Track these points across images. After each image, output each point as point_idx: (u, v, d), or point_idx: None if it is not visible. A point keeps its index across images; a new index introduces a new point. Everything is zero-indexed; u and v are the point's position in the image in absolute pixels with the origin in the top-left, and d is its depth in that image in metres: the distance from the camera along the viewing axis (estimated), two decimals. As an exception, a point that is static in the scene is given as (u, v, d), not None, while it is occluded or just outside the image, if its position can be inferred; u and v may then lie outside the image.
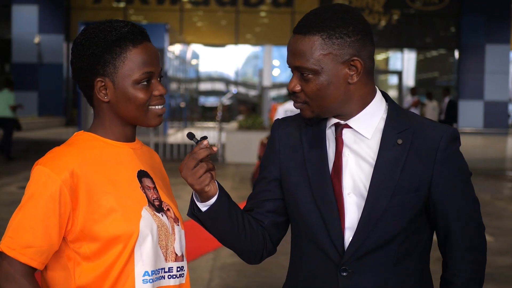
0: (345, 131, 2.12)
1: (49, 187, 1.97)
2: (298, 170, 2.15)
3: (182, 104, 26.70)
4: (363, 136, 2.11)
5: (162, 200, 2.15)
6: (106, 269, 2.01)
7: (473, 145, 21.67)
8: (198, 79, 32.32)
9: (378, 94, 2.16)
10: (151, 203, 2.10)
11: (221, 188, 2.09)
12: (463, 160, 2.14)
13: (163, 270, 2.10)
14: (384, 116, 2.13)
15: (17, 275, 1.96)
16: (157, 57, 2.12)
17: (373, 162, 2.08)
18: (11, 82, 16.77)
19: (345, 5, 2.12)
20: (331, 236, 2.08)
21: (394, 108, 2.15)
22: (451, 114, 18.06)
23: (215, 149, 2.01)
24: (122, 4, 29.25)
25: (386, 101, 2.17)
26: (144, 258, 2.04)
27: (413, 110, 19.48)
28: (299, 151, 2.16)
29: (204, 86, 32.84)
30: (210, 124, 24.86)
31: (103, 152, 2.08)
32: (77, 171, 1.99)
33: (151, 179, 2.15)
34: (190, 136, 2.09)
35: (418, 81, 31.20)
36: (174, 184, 2.10)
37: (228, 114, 28.87)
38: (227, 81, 31.94)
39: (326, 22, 2.05)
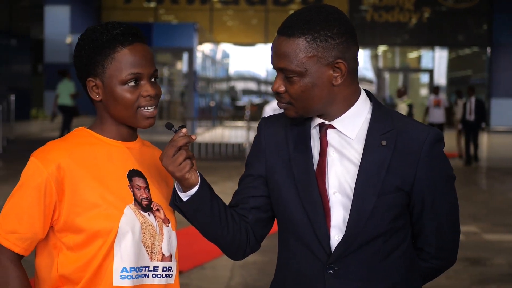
0: (330, 131, 2.13)
1: (36, 178, 2.07)
2: (284, 169, 2.16)
3: (212, 103, 26.77)
4: (347, 136, 2.12)
5: (152, 200, 2.18)
6: (87, 261, 2.08)
7: (505, 144, 21.45)
8: (228, 78, 32.38)
9: (363, 95, 2.16)
10: (137, 202, 2.14)
11: (203, 179, 2.12)
12: (446, 162, 2.16)
13: (146, 269, 2.14)
14: (369, 116, 2.14)
15: (3, 259, 2.08)
16: (147, 58, 2.15)
17: (358, 163, 2.09)
18: (65, 71, 17.72)
19: (329, 6, 2.11)
20: (317, 234, 2.10)
21: (378, 108, 2.16)
22: (480, 114, 17.61)
23: (193, 137, 2.05)
24: (152, 4, 29.42)
25: (371, 101, 2.18)
26: (123, 255, 2.08)
27: (435, 110, 19.15)
28: (284, 150, 2.18)
29: (234, 85, 32.86)
30: (239, 123, 24.90)
31: (94, 148, 2.15)
32: (63, 165, 2.07)
33: (144, 179, 2.19)
34: (169, 126, 2.12)
35: (450, 79, 30.93)
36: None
37: (258, 113, 28.90)
38: (257, 80, 31.95)
39: (311, 24, 2.05)
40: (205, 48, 25.85)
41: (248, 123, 18.38)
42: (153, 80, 2.17)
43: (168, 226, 2.21)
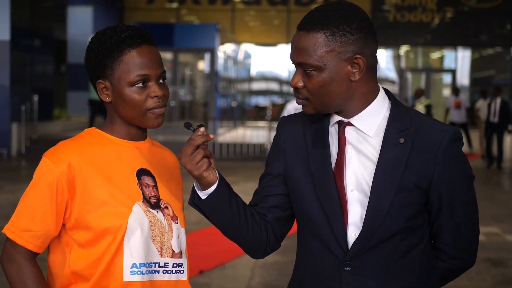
0: (348, 129, 2.14)
1: (48, 177, 2.13)
2: (302, 166, 2.18)
3: (234, 104, 26.81)
4: (366, 134, 2.12)
5: (161, 198, 2.23)
6: (98, 258, 2.13)
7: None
8: (250, 78, 32.39)
9: (381, 93, 2.17)
10: (146, 200, 2.19)
11: (221, 178, 2.13)
12: (464, 161, 2.15)
13: (157, 265, 2.19)
14: (387, 114, 2.15)
15: (18, 256, 2.14)
16: (155, 59, 2.19)
17: (375, 160, 2.10)
18: None
19: (349, 2, 2.13)
20: (334, 232, 2.11)
21: (397, 107, 2.16)
22: (505, 115, 16.76)
23: (211, 136, 2.08)
24: (174, 5, 29.51)
25: (389, 99, 2.19)
26: (132, 251, 2.14)
27: (455, 111, 18.99)
28: (303, 148, 2.19)
29: (256, 86, 32.89)
30: (261, 123, 24.92)
31: (103, 148, 2.20)
32: (74, 164, 2.13)
33: (153, 177, 2.24)
34: (187, 125, 2.15)
35: (473, 79, 30.74)
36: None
37: (279, 113, 28.90)
38: (279, 80, 31.94)
39: (330, 19, 2.07)
40: (227, 48, 25.89)
41: (270, 123, 18.39)
42: (161, 81, 2.21)
43: (177, 223, 2.25)
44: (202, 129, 2.08)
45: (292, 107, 12.16)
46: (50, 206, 2.13)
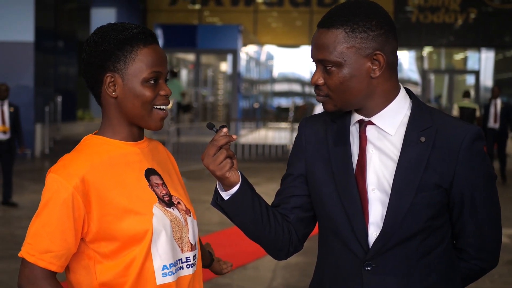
0: (369, 128, 2.14)
1: (61, 194, 2.06)
2: (323, 166, 2.18)
3: (256, 105, 26.81)
4: (387, 132, 2.12)
5: (171, 194, 2.23)
6: (126, 266, 2.10)
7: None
8: (272, 79, 32.38)
9: (402, 91, 2.17)
10: (161, 200, 2.19)
11: (244, 178, 2.14)
12: (486, 160, 2.14)
13: (181, 261, 2.20)
14: (408, 113, 2.14)
15: (38, 278, 2.07)
16: (165, 59, 2.21)
17: (396, 159, 2.10)
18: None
19: (369, 1, 2.14)
20: (355, 231, 2.11)
21: (418, 105, 2.16)
22: (508, 120, 13.91)
23: (234, 137, 2.08)
24: (197, 6, 29.57)
25: (410, 98, 2.18)
26: (161, 253, 2.13)
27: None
28: (324, 147, 2.20)
29: (278, 87, 32.87)
30: (283, 124, 24.90)
31: (111, 155, 2.17)
32: (87, 177, 2.08)
33: (159, 175, 2.24)
34: (210, 126, 2.16)
35: (497, 81, 30.52)
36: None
37: (302, 114, 28.86)
38: (301, 82, 31.90)
39: (350, 16, 2.08)
40: (249, 49, 25.89)
41: (292, 125, 18.37)
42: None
43: (190, 216, 2.27)
44: (225, 129, 2.09)
45: (320, 110, 12.15)
46: (68, 224, 2.07)
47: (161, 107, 2.19)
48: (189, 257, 2.23)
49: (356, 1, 2.13)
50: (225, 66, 25.10)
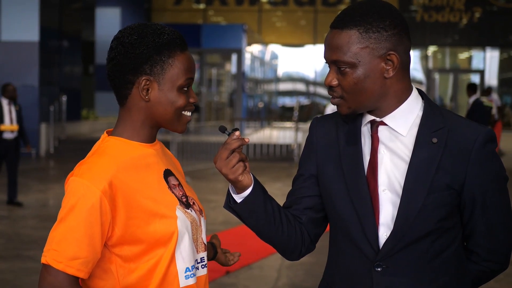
0: (381, 128, 2.13)
1: (89, 199, 2.00)
2: (334, 166, 2.18)
3: (260, 104, 26.81)
4: (399, 133, 2.11)
5: (187, 195, 2.22)
6: (149, 269, 2.08)
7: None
8: (277, 79, 32.38)
9: (414, 92, 2.16)
10: (180, 201, 2.16)
11: (256, 181, 2.14)
12: (498, 162, 2.13)
13: (196, 262, 2.19)
14: (420, 113, 2.13)
15: (64, 285, 2.00)
16: (195, 65, 2.20)
17: (408, 160, 2.09)
18: None
19: (381, 1, 2.12)
20: (366, 232, 2.10)
21: (430, 106, 2.15)
22: (478, 119, 13.03)
23: (247, 140, 2.07)
24: (201, 6, 29.59)
25: (423, 98, 2.17)
26: (184, 256, 2.12)
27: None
28: (335, 147, 2.19)
29: (282, 86, 32.86)
30: (287, 124, 24.90)
31: (133, 157, 2.12)
32: (114, 181, 2.03)
33: (175, 176, 2.22)
34: (222, 129, 2.15)
35: (501, 80, 30.47)
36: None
37: (307, 113, 28.85)
38: (305, 81, 31.89)
39: (363, 16, 2.06)
40: (253, 49, 25.89)
41: (296, 124, 18.37)
42: None
43: (202, 216, 2.26)
44: (237, 133, 2.08)
45: (330, 110, 12.14)
46: (96, 229, 2.01)
47: (188, 113, 2.18)
48: (203, 257, 2.23)
49: (369, 1, 2.11)
50: (229, 66, 25.10)
